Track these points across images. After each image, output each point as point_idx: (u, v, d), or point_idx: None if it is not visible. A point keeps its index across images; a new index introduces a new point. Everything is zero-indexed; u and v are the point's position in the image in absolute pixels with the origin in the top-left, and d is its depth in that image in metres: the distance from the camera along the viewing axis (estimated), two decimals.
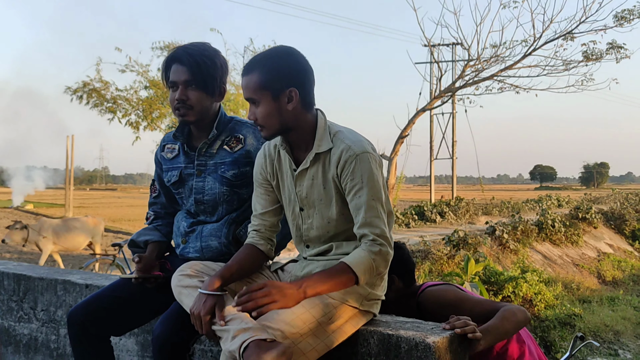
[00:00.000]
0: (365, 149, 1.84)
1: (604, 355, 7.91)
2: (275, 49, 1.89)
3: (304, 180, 1.93)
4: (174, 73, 2.17)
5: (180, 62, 2.16)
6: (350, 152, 1.83)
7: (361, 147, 1.84)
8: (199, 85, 2.17)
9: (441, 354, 1.73)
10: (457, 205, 20.37)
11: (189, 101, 2.17)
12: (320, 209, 1.92)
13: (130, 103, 13.06)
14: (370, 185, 1.81)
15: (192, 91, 2.17)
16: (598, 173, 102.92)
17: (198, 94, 2.18)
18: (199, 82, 2.16)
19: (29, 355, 2.94)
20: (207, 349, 2.32)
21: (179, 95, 2.16)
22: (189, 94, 2.17)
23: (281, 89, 1.83)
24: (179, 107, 2.18)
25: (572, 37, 13.18)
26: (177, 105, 2.18)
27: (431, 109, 16.00)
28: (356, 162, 1.82)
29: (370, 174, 1.82)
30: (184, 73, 2.15)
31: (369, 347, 1.85)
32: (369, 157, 1.83)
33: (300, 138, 1.92)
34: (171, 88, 2.20)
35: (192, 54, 2.16)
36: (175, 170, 2.32)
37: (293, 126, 1.89)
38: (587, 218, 17.23)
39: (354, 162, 1.82)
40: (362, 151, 1.83)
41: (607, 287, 12.67)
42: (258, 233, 2.03)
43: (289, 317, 1.73)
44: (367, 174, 1.81)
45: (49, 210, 27.56)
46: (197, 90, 2.18)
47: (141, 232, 2.41)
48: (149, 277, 2.22)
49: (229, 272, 1.87)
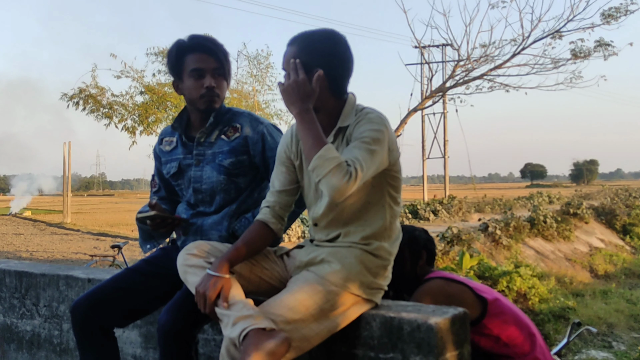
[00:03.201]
0: (380, 116, 1.88)
1: (598, 347, 7.98)
2: (319, 30, 1.95)
3: None
4: (200, 61, 2.21)
5: (208, 50, 2.22)
6: (366, 116, 1.87)
7: (378, 116, 1.87)
8: (225, 75, 2.27)
9: (443, 334, 1.76)
10: (449, 204, 20.46)
11: (217, 89, 2.23)
12: None
13: (127, 108, 13.02)
14: (367, 137, 1.80)
15: (221, 80, 2.25)
16: (588, 170, 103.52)
17: (224, 83, 2.27)
18: (225, 72, 2.26)
19: (32, 352, 2.95)
20: (211, 338, 2.35)
21: (210, 82, 2.21)
22: (218, 82, 2.24)
23: (310, 67, 1.87)
24: (209, 94, 2.22)
25: (560, 36, 13.23)
26: (206, 93, 2.22)
27: (422, 109, 16.04)
28: (367, 120, 1.85)
29: (373, 132, 1.81)
30: (213, 61, 2.22)
31: (372, 330, 1.87)
32: (380, 121, 1.85)
33: (326, 120, 1.94)
34: (192, 76, 2.22)
35: (218, 44, 2.24)
36: (174, 161, 2.35)
37: (317, 107, 1.91)
38: (578, 214, 17.37)
39: (364, 119, 1.86)
40: (376, 115, 1.87)
41: (600, 280, 12.77)
42: (271, 210, 2.03)
43: (291, 303, 1.76)
44: (372, 130, 1.81)
45: (47, 216, 27.38)
46: (224, 79, 2.27)
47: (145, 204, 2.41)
48: (167, 216, 2.22)
49: (238, 254, 1.89)
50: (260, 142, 2.27)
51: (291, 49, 1.92)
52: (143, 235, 2.45)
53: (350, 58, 1.94)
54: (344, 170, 1.70)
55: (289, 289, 1.85)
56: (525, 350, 2.35)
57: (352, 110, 1.93)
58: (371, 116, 1.87)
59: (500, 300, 2.43)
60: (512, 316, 2.39)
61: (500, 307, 2.39)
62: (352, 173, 1.71)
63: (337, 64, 1.90)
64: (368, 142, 1.79)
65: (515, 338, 2.36)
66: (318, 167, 1.72)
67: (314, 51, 1.88)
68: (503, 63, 13.54)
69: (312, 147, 1.76)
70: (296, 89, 1.83)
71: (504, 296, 2.53)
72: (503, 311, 2.38)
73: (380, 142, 1.81)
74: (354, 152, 1.77)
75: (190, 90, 2.25)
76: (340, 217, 1.94)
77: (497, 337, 2.34)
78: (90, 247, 14.22)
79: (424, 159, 28.37)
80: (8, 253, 13.17)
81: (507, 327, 2.36)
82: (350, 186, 1.71)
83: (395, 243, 1.99)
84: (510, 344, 2.34)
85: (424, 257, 2.53)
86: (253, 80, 14.43)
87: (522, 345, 2.35)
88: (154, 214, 2.20)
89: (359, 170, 1.72)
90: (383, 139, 1.82)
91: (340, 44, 1.92)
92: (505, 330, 2.35)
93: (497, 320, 2.35)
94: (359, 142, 1.80)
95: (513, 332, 2.36)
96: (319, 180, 1.74)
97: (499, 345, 2.34)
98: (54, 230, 20.17)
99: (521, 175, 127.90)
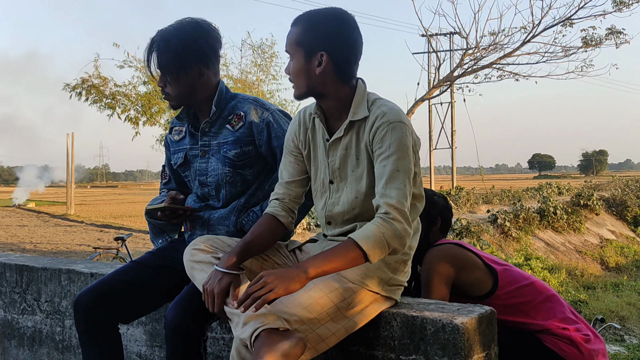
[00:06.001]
0: (400, 119, 1.73)
1: (610, 341, 7.86)
2: (324, 10, 1.81)
3: (337, 150, 1.82)
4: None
5: (154, 51, 2.13)
6: (385, 119, 1.73)
7: (397, 115, 1.73)
8: (169, 72, 2.13)
9: (470, 335, 1.65)
10: (457, 195, 20.31)
11: (166, 89, 2.15)
12: (351, 181, 1.81)
13: (129, 99, 12.95)
14: (398, 155, 1.68)
15: (163, 80, 2.15)
16: (597, 161, 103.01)
17: (169, 81, 2.14)
18: (166, 69, 2.12)
19: (33, 348, 2.85)
20: (219, 336, 2.23)
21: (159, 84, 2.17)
22: (164, 82, 2.16)
23: (313, 50, 1.75)
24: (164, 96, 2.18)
25: (571, 23, 13.08)
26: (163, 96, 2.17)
27: (430, 98, 15.91)
28: (389, 129, 1.71)
29: (401, 143, 1.70)
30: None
31: (392, 330, 1.77)
32: (403, 127, 1.72)
33: (335, 107, 1.82)
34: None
35: (161, 41, 2.09)
36: (181, 152, 2.25)
37: (323, 92, 1.80)
38: (588, 205, 17.18)
39: (386, 129, 1.71)
40: (397, 120, 1.72)
41: (611, 273, 12.63)
42: (281, 203, 1.91)
43: (306, 301, 1.65)
44: (397, 143, 1.69)
45: (51, 208, 27.50)
46: (168, 76, 2.14)
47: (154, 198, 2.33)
48: (178, 207, 2.12)
49: (247, 249, 1.77)
50: (265, 130, 2.13)
51: (294, 30, 1.80)
52: (154, 230, 2.35)
53: (359, 40, 1.80)
54: (387, 227, 1.61)
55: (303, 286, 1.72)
56: (546, 316, 2.20)
57: (363, 100, 1.80)
58: (391, 117, 1.72)
59: (511, 269, 2.32)
60: (525, 283, 2.27)
61: (512, 276, 2.28)
62: (397, 219, 1.63)
63: (341, 47, 1.76)
64: (395, 164, 1.67)
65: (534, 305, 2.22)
66: (378, 252, 1.62)
67: (318, 32, 1.75)
68: (512, 51, 13.39)
69: (355, 258, 1.61)
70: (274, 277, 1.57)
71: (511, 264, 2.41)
72: (515, 279, 2.27)
73: (407, 150, 1.70)
74: (386, 188, 1.66)
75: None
76: (357, 216, 1.82)
77: (514, 305, 2.21)
78: (94, 238, 14.22)
79: (431, 149, 28.19)
80: (12, 245, 13.18)
81: (522, 295, 2.23)
82: (407, 230, 1.64)
83: (415, 236, 1.87)
84: (529, 311, 2.21)
85: (439, 223, 2.48)
86: (257, 70, 14.33)
87: (543, 311, 2.21)
88: (163, 206, 2.10)
89: (400, 206, 1.64)
90: (409, 144, 1.71)
91: (348, 24, 1.78)
92: (521, 298, 2.22)
93: (511, 289, 2.23)
94: (387, 169, 1.67)
95: (529, 299, 2.23)
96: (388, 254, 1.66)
97: (518, 315, 2.20)
98: (58, 221, 20.22)
99: (529, 166, 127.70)
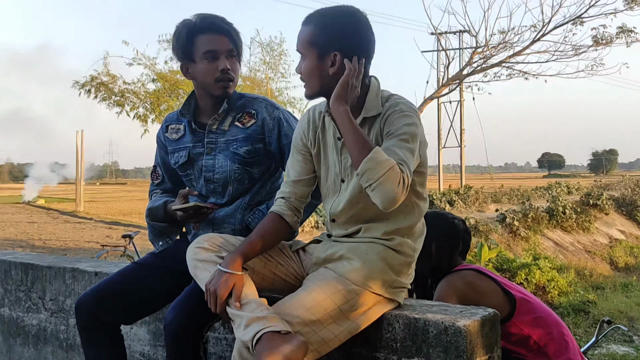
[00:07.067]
0: (413, 110, 1.74)
1: (619, 342, 7.79)
2: (337, 8, 1.80)
3: None
4: (213, 42, 2.07)
5: (222, 31, 2.08)
6: (397, 107, 1.73)
7: (410, 108, 1.74)
8: (239, 57, 2.15)
9: (472, 338, 1.63)
10: (466, 194, 20.22)
11: (232, 72, 2.10)
12: None
13: (138, 96, 13.01)
14: (405, 137, 1.66)
15: (234, 62, 2.12)
16: (607, 160, 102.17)
17: (237, 66, 2.14)
18: (239, 54, 2.14)
19: (37, 347, 2.86)
20: (222, 336, 2.23)
21: (225, 65, 2.07)
22: (232, 64, 2.10)
23: (327, 50, 1.74)
24: (224, 77, 2.08)
25: (581, 22, 12.98)
26: (221, 76, 2.08)
27: (439, 96, 15.86)
28: (400, 115, 1.71)
29: (410, 129, 1.68)
30: (227, 42, 2.08)
31: (394, 332, 1.75)
32: (414, 117, 1.71)
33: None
34: (206, 59, 2.08)
35: (230, 24, 2.11)
36: (183, 150, 2.20)
37: None
38: (598, 204, 17.03)
39: (397, 115, 1.71)
40: (410, 110, 1.73)
41: (620, 273, 12.52)
42: (287, 202, 1.89)
43: (308, 303, 1.64)
44: (407, 127, 1.68)
45: (60, 205, 27.65)
46: (237, 61, 2.14)
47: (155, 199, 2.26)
48: (204, 205, 2.06)
49: (252, 249, 1.76)
50: (276, 127, 2.14)
51: (307, 29, 1.78)
52: (154, 231, 2.28)
53: (372, 39, 1.79)
54: (398, 176, 1.55)
55: (306, 288, 1.72)
56: (558, 351, 2.20)
57: (377, 97, 1.78)
58: (403, 107, 1.72)
59: (530, 299, 2.29)
60: (542, 314, 2.26)
61: (530, 306, 2.25)
62: (405, 179, 1.57)
63: (357, 47, 1.74)
64: (407, 140, 1.65)
65: (547, 339, 2.21)
66: (370, 170, 1.57)
67: (332, 32, 1.73)
68: (522, 50, 13.32)
69: (362, 150, 1.60)
70: (351, 85, 1.68)
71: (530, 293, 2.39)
72: (533, 309, 2.25)
73: (417, 138, 1.69)
74: (397, 152, 1.62)
75: (204, 74, 2.09)
76: (361, 214, 1.80)
77: (527, 337, 2.20)
78: (102, 235, 14.26)
79: (439, 148, 28.09)
80: (21, 241, 13.27)
81: (538, 326, 2.22)
82: (403, 193, 1.58)
83: (419, 239, 1.86)
84: (541, 344, 2.20)
85: (460, 247, 2.44)
86: (266, 68, 14.34)
87: (555, 346, 2.21)
88: (194, 205, 2.03)
89: (408, 174, 1.59)
90: (418, 133, 1.70)
91: (361, 24, 1.76)
92: (536, 330, 2.21)
93: (527, 319, 2.21)
94: (398, 141, 1.65)
95: (544, 331, 2.22)
96: (369, 185, 1.59)
97: (530, 347, 2.20)
98: (67, 218, 20.31)
99: (538, 165, 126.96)
